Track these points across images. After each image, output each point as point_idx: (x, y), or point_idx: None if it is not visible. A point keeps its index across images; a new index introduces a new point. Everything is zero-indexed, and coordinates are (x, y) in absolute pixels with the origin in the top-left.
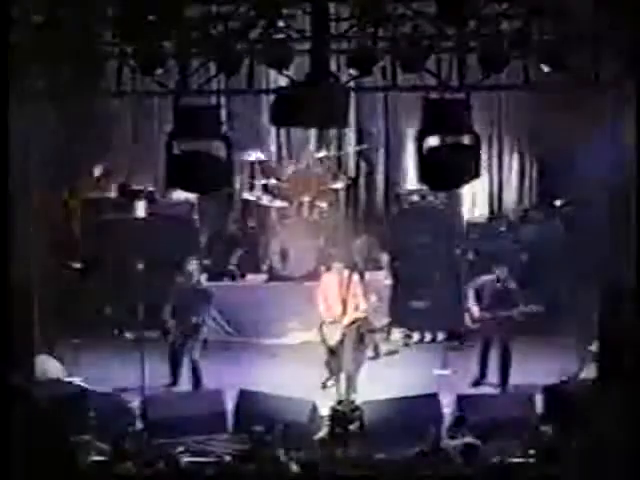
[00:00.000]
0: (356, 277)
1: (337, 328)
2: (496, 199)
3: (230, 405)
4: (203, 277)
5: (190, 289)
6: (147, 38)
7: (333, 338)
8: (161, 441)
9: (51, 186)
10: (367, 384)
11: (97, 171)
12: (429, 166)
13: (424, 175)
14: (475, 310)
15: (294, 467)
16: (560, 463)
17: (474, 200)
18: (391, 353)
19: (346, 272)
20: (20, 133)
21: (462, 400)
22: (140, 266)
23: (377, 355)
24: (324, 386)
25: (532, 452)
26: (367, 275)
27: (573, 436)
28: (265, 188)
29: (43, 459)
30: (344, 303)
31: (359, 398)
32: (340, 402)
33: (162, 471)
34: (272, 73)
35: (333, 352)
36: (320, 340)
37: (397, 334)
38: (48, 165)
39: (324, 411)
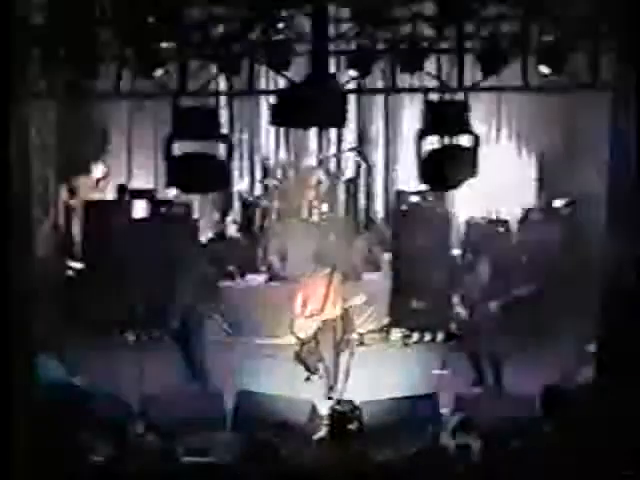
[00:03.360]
0: (338, 276)
1: (312, 323)
2: (496, 200)
3: (230, 405)
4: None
5: (199, 283)
6: (147, 39)
7: (305, 331)
8: (161, 441)
9: (51, 186)
10: (366, 384)
11: (96, 172)
12: (429, 167)
13: (424, 176)
14: (462, 313)
15: (293, 467)
16: (559, 463)
17: (474, 201)
18: (387, 350)
19: (328, 271)
20: (20, 133)
21: (461, 400)
22: (140, 266)
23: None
24: (308, 379)
25: (532, 452)
26: (364, 276)
27: (572, 436)
28: (265, 189)
29: (43, 459)
30: (324, 301)
31: (359, 398)
32: (339, 402)
33: (162, 471)
34: (272, 74)
35: (304, 346)
36: (289, 332)
37: (396, 334)
38: (48, 165)
39: (324, 411)
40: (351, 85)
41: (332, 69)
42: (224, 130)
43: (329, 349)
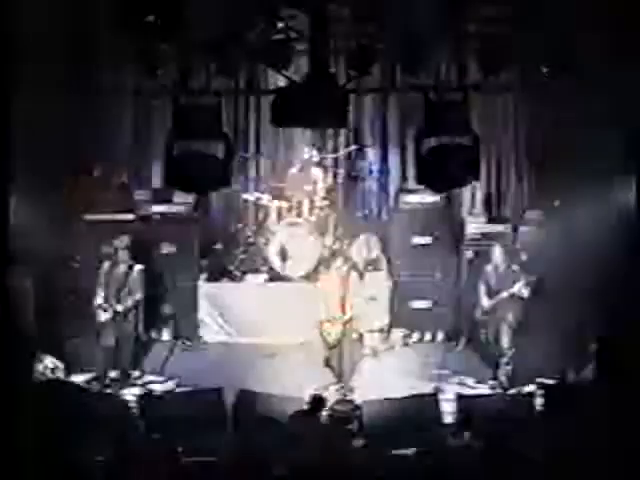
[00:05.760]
0: (355, 275)
1: (336, 327)
2: (495, 199)
3: (230, 405)
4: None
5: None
6: (147, 38)
7: (332, 337)
8: (161, 441)
9: (51, 185)
10: (367, 384)
11: (96, 171)
12: (429, 166)
13: (424, 175)
14: (485, 302)
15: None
16: (559, 463)
17: (473, 200)
18: (388, 349)
19: (345, 271)
20: (20, 131)
21: (461, 400)
22: (139, 266)
23: (375, 354)
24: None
25: (531, 452)
26: (366, 275)
27: (572, 436)
28: (265, 188)
29: (43, 459)
30: (343, 302)
31: (359, 398)
32: (340, 402)
33: (162, 471)
34: (272, 74)
35: (333, 350)
36: (321, 339)
37: (397, 334)
38: (48, 164)
39: (323, 411)
40: (351, 85)
41: (332, 69)
42: (224, 129)
43: (346, 353)
